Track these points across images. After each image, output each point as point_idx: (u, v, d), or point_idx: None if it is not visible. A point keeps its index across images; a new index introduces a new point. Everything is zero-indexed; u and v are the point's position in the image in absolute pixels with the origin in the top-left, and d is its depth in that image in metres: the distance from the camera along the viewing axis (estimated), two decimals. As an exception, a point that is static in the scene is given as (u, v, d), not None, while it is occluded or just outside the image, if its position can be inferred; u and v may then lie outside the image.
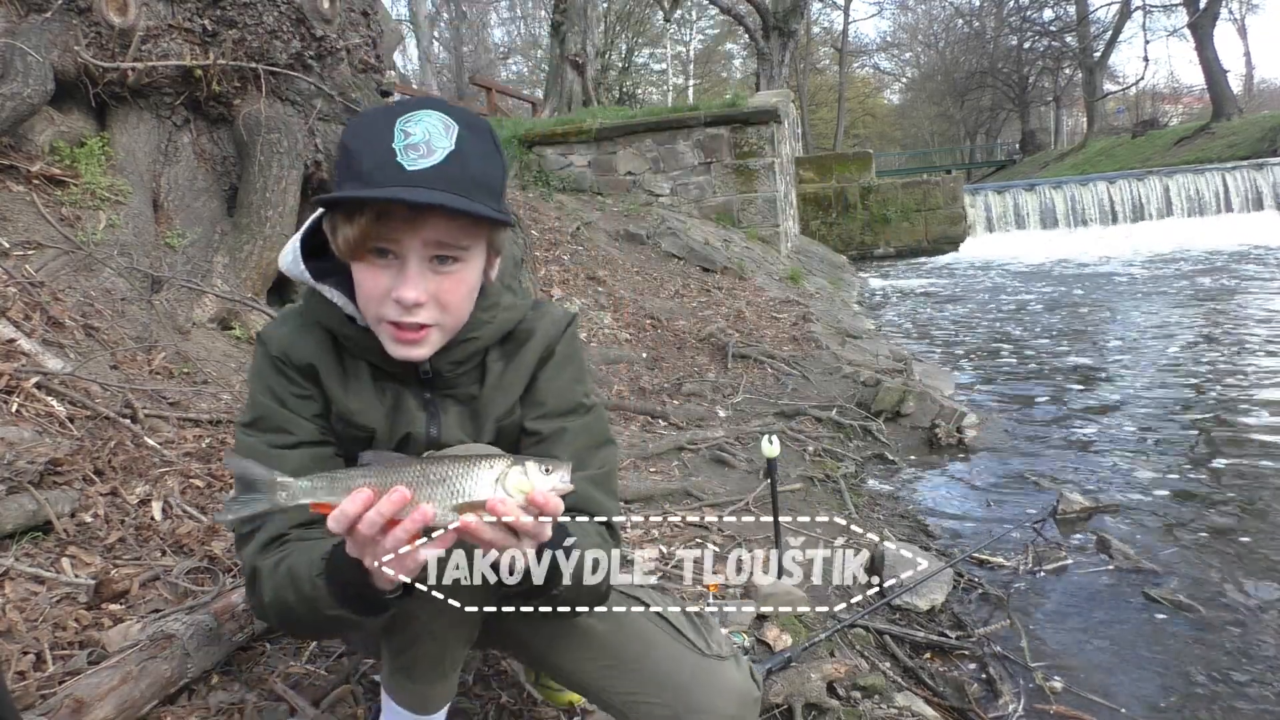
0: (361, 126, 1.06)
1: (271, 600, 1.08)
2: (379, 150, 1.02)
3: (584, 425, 1.23)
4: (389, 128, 1.02)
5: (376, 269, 1.05)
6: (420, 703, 1.26)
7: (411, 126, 1.02)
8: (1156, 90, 45.20)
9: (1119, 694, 2.16)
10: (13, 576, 1.72)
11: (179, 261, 3.58)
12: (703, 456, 3.70)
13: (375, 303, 1.07)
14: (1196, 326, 7.69)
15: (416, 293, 1.04)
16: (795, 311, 7.50)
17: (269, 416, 1.16)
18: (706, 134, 10.98)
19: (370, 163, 1.02)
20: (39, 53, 3.39)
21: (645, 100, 31.80)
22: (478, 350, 1.18)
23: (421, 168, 1.01)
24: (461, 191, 1.01)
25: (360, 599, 1.00)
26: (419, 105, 1.05)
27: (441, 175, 1.01)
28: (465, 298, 1.11)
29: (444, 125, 1.03)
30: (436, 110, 1.04)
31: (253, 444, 1.14)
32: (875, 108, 54.16)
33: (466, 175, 1.03)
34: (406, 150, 1.01)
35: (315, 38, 4.14)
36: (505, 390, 1.21)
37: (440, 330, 1.10)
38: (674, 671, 1.26)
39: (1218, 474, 3.77)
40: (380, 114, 1.06)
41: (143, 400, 2.56)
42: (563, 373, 1.24)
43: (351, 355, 1.18)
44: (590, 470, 1.20)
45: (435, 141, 1.02)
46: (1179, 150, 25.60)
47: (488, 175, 1.06)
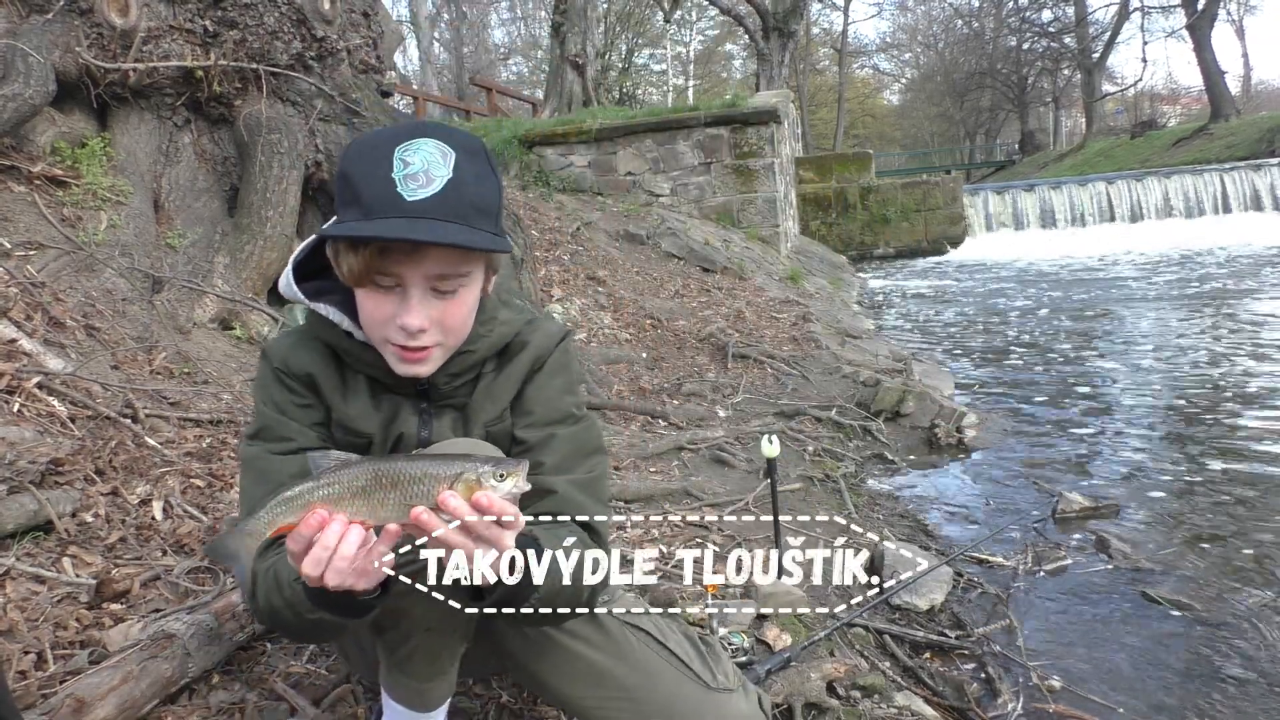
0: (360, 155, 1.08)
1: (263, 604, 1.09)
2: (379, 180, 1.04)
3: (572, 434, 1.25)
4: (387, 157, 1.05)
5: (379, 295, 1.09)
6: (420, 700, 1.27)
7: (410, 155, 1.05)
8: (1155, 91, 45.22)
9: (1118, 693, 2.16)
10: (14, 576, 1.72)
11: (180, 262, 3.58)
12: (703, 456, 3.70)
13: (379, 326, 1.11)
14: (1196, 327, 7.69)
15: (419, 320, 1.08)
16: (795, 311, 7.51)
17: (271, 426, 1.19)
18: (706, 134, 10.98)
19: (370, 193, 1.04)
20: (40, 53, 3.39)
21: (645, 101, 31.82)
22: (474, 363, 1.22)
23: (421, 198, 1.03)
24: (460, 219, 1.05)
25: (337, 603, 1.01)
26: (416, 132, 1.08)
27: (441, 204, 1.04)
28: (466, 318, 1.16)
29: (441, 153, 1.06)
30: (433, 138, 1.07)
31: (256, 453, 1.18)
32: (875, 108, 54.17)
33: (465, 202, 1.06)
34: (406, 180, 1.04)
35: (316, 38, 4.15)
36: (494, 397, 1.23)
37: (443, 349, 1.15)
38: (678, 705, 1.27)
39: (1217, 474, 3.77)
40: (378, 141, 1.08)
41: (143, 400, 2.56)
42: (552, 382, 1.27)
43: (352, 369, 1.22)
44: (576, 475, 1.22)
45: (434, 170, 1.05)
46: (1177, 151, 25.61)
47: (485, 199, 1.09)
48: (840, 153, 22.40)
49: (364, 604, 1.02)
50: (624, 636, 1.31)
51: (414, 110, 15.12)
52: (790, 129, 15.45)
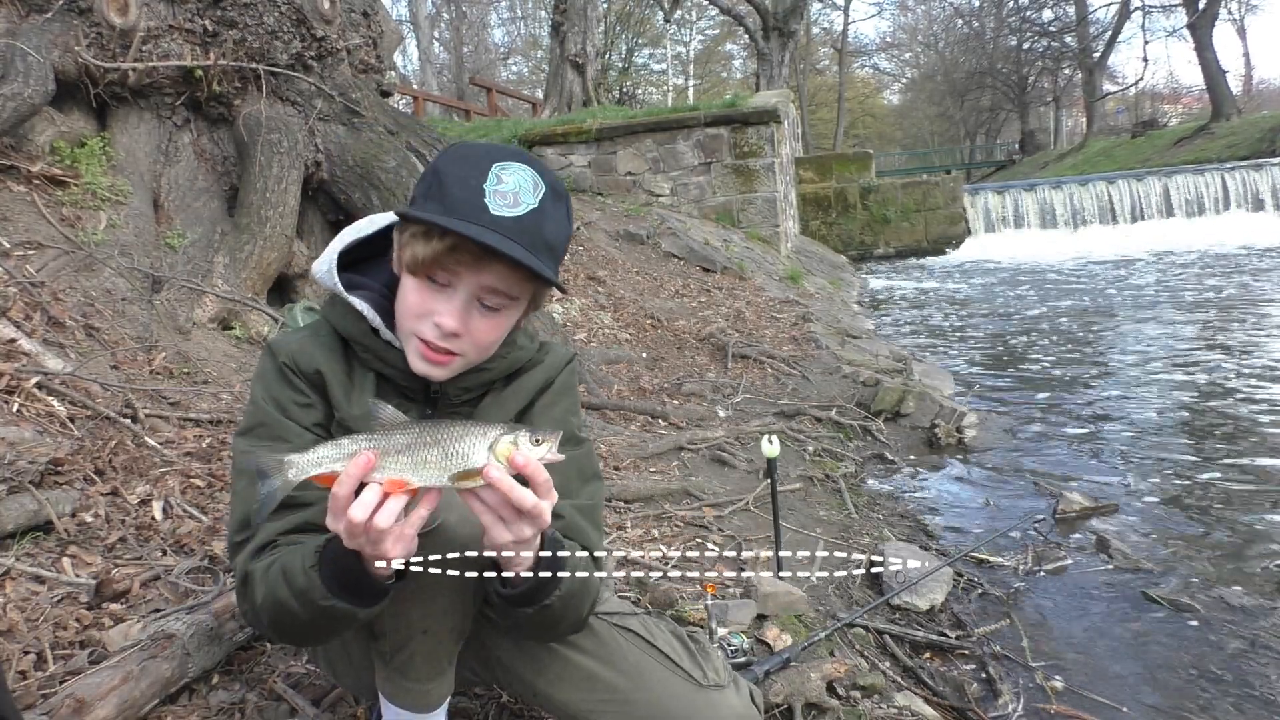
0: (459, 157, 1.12)
1: (264, 601, 1.08)
2: (471, 186, 1.08)
3: (575, 457, 1.26)
4: (485, 168, 1.09)
5: (428, 290, 1.12)
6: (421, 701, 1.27)
7: (506, 174, 1.09)
8: (1156, 91, 45.26)
9: (1119, 693, 2.16)
10: (14, 576, 1.72)
11: (179, 261, 3.58)
12: (703, 456, 3.70)
13: (414, 318, 1.13)
14: (1196, 327, 7.69)
15: (457, 324, 1.11)
16: (795, 311, 7.51)
17: (268, 424, 1.18)
18: (706, 134, 10.98)
19: (459, 194, 1.08)
20: (40, 53, 3.39)
21: (645, 100, 31.82)
22: (487, 381, 1.24)
23: (505, 215, 1.07)
24: (532, 249, 1.08)
25: (356, 587, 1.02)
26: (516, 157, 1.12)
27: (520, 228, 1.07)
28: (497, 339, 1.18)
29: (533, 183, 1.10)
30: (530, 167, 1.11)
31: (247, 448, 1.17)
32: (875, 108, 54.16)
33: (540, 235, 1.10)
34: (495, 195, 1.07)
35: (316, 38, 4.15)
36: (502, 405, 1.26)
37: (464, 361, 1.17)
38: (670, 703, 1.27)
39: (1217, 474, 3.77)
40: (480, 151, 1.12)
41: (143, 400, 2.56)
42: (559, 402, 1.30)
43: (362, 366, 1.22)
44: (579, 500, 1.24)
45: (523, 196, 1.09)
46: (1178, 150, 25.61)
47: (558, 239, 1.14)
48: (840, 153, 22.38)
49: (379, 589, 1.03)
50: (612, 638, 1.32)
51: (414, 110, 15.11)
52: (790, 129, 15.45)
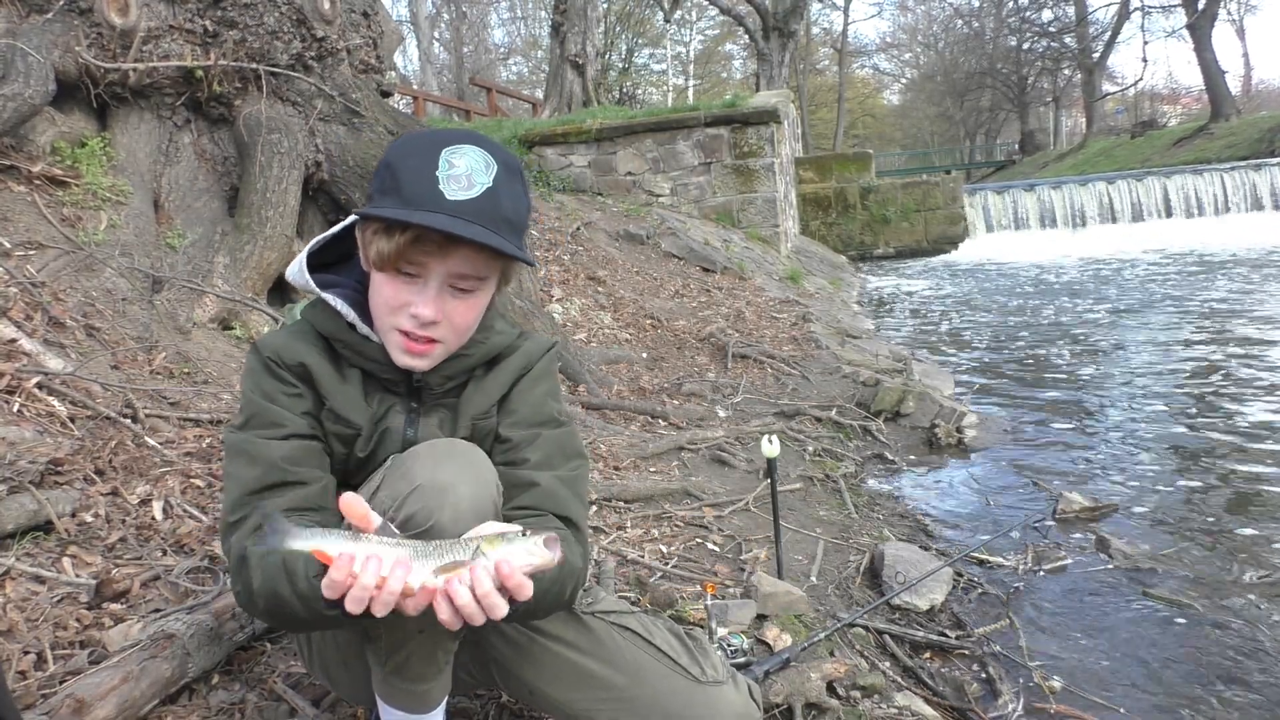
0: (408, 149, 1.12)
1: (261, 588, 1.08)
2: (423, 175, 1.09)
3: (555, 436, 1.28)
4: (434, 155, 1.10)
5: (399, 282, 1.13)
6: (420, 702, 1.26)
7: (456, 158, 1.10)
8: (1155, 91, 45.26)
9: (1119, 694, 2.16)
10: (14, 576, 1.72)
11: (180, 262, 3.58)
12: (703, 456, 3.70)
13: (390, 313, 1.15)
14: (1196, 327, 7.69)
15: (433, 312, 1.13)
16: (795, 311, 7.51)
17: (260, 414, 1.19)
18: (706, 134, 10.98)
19: (413, 185, 1.09)
20: (40, 53, 3.39)
21: (645, 100, 31.81)
22: (468, 368, 1.25)
23: (461, 199, 1.08)
24: (493, 227, 1.10)
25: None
26: (464, 139, 1.12)
27: (478, 209, 1.09)
28: (474, 321, 1.20)
29: (485, 162, 1.11)
30: (479, 146, 1.12)
31: (245, 438, 1.17)
32: (875, 108, 54.15)
33: (499, 213, 1.11)
34: (449, 180, 1.09)
35: (316, 38, 4.15)
36: (484, 392, 1.27)
37: (445, 347, 1.19)
38: (668, 700, 1.27)
39: (1217, 474, 3.77)
40: (427, 140, 1.13)
41: (143, 400, 2.56)
42: (538, 386, 1.31)
43: (348, 363, 1.23)
44: (560, 471, 1.25)
45: (476, 177, 1.10)
46: (1178, 151, 25.62)
47: (517, 214, 1.15)
48: (840, 153, 22.38)
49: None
50: (609, 637, 1.32)
51: (414, 110, 15.11)
52: (790, 129, 15.45)
